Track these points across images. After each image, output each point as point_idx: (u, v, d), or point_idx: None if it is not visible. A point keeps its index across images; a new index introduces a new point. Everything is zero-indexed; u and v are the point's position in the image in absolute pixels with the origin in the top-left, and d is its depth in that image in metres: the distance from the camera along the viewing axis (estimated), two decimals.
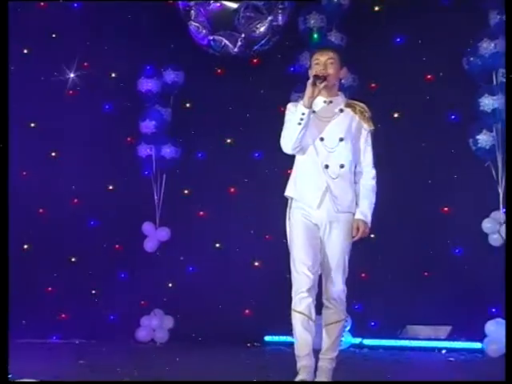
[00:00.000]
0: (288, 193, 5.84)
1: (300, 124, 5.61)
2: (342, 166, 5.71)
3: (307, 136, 5.70)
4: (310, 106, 5.62)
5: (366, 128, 5.84)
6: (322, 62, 5.77)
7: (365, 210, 5.78)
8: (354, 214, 5.77)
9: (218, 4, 8.01)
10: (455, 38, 8.84)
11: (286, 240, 5.80)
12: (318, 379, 5.65)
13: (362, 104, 5.95)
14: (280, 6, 8.08)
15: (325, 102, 5.81)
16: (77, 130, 10.04)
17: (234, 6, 7.95)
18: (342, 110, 5.83)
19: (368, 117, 5.87)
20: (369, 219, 5.79)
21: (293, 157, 5.80)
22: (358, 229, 5.75)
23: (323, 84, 5.64)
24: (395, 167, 8.83)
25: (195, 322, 9.68)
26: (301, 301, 5.59)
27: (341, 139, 5.72)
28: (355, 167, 5.84)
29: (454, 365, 7.87)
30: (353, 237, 5.78)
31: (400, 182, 8.93)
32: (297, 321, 5.63)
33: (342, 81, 8.71)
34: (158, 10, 9.65)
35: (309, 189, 5.72)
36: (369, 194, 5.82)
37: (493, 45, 8.49)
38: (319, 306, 5.73)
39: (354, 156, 5.80)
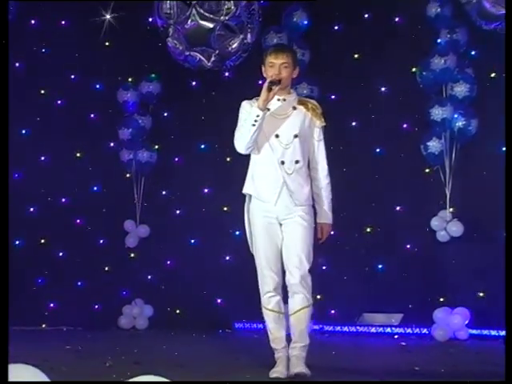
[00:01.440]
0: (246, 190, 5.64)
1: (254, 125, 5.40)
2: (297, 162, 5.51)
3: (262, 134, 5.48)
4: (264, 109, 5.41)
5: (319, 124, 5.65)
6: (277, 66, 5.55)
7: (327, 212, 5.66)
8: (312, 206, 5.60)
9: (194, 23, 8.01)
10: (409, 53, 8.88)
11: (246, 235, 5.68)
12: (295, 369, 5.45)
13: (313, 101, 5.81)
14: (249, 26, 8.10)
15: (279, 100, 5.58)
16: (64, 137, 10.03)
17: (210, 25, 7.96)
18: (295, 108, 5.62)
19: (320, 113, 5.68)
20: (331, 219, 5.69)
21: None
22: (322, 232, 5.66)
23: (277, 88, 5.45)
24: (354, 170, 8.91)
25: (172, 310, 9.72)
26: (269, 300, 5.52)
27: (295, 136, 5.53)
28: (309, 163, 5.66)
29: (406, 348, 7.92)
30: (319, 239, 5.66)
31: (359, 183, 9.00)
32: (269, 317, 5.57)
33: (304, 91, 8.87)
34: (139, 28, 9.67)
35: (266, 185, 5.52)
36: (326, 193, 5.66)
37: (443, 61, 8.57)
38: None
39: (308, 151, 5.63)
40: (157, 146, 9.93)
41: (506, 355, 4.31)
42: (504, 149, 8.68)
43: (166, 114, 10.07)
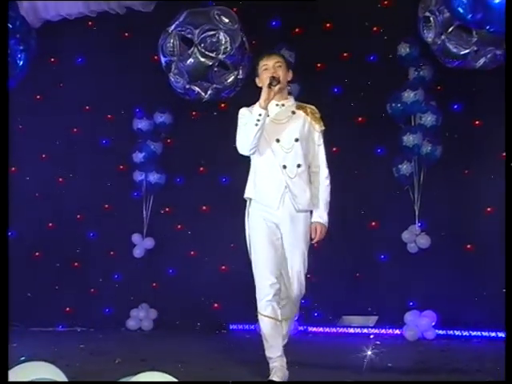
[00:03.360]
0: (248, 194, 5.13)
1: (257, 125, 4.90)
2: (298, 166, 5.04)
3: (263, 138, 5.01)
4: (266, 108, 4.94)
5: (318, 129, 5.20)
6: (271, 67, 5.14)
7: (322, 213, 5.13)
8: (311, 212, 5.12)
9: (195, 60, 8.02)
10: (382, 88, 8.92)
11: (246, 245, 5.24)
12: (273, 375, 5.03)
13: (311, 106, 5.34)
14: (242, 64, 8.14)
15: (277, 105, 5.17)
16: (80, 161, 10.07)
17: (209, 62, 7.98)
18: (294, 112, 5.18)
19: (319, 117, 5.25)
20: (326, 220, 5.16)
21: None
22: (315, 231, 5.11)
23: (278, 86, 5.02)
24: (335, 190, 8.87)
25: (174, 313, 9.70)
26: (266, 305, 4.99)
27: (296, 140, 5.07)
28: (309, 167, 5.19)
29: (380, 347, 7.91)
30: (312, 239, 5.14)
31: (338, 201, 8.96)
32: (265, 324, 5.03)
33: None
34: (145, 64, 9.70)
35: (268, 189, 5.03)
36: (324, 194, 5.19)
37: (412, 94, 8.62)
38: None
39: (308, 156, 5.15)
40: (164, 169, 9.91)
41: (506, 355, 4.03)
42: (466, 172, 8.77)
43: (168, 141, 10.06)
